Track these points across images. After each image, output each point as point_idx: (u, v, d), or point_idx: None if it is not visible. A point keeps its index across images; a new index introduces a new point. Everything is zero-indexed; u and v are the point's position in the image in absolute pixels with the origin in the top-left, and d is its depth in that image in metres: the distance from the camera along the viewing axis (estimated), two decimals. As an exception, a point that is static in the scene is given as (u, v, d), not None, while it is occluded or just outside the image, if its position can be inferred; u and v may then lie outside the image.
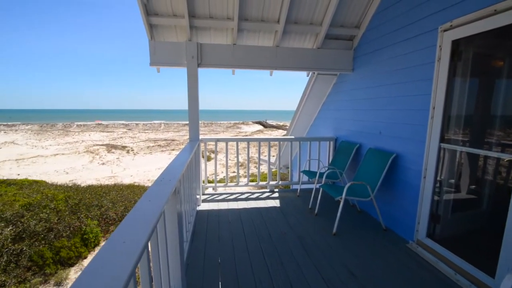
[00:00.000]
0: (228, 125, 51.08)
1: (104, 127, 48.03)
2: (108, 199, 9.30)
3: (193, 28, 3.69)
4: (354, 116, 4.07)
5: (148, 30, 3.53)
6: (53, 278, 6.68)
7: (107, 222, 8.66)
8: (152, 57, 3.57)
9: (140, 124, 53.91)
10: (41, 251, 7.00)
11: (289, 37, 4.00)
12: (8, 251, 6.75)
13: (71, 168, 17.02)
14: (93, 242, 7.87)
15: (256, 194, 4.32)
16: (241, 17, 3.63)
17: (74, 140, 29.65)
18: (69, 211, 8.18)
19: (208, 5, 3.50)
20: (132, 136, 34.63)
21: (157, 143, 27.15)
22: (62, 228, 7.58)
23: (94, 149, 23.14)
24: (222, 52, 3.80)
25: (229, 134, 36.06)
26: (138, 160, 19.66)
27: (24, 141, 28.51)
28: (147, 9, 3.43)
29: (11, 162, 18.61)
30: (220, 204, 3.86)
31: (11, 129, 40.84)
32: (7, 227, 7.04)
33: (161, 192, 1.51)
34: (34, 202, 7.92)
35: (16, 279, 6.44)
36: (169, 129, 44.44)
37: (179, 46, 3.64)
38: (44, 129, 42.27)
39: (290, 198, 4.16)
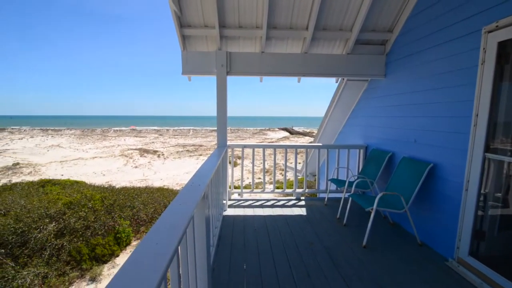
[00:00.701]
0: (254, 132, 51.51)
1: (138, 132, 50.92)
2: (140, 201, 9.75)
3: (223, 37, 3.81)
4: (386, 123, 3.90)
5: (181, 41, 3.71)
6: (89, 274, 7.11)
7: (138, 223, 9.07)
8: (184, 67, 3.74)
9: (170, 130, 56.34)
10: (79, 247, 7.51)
11: (318, 44, 3.97)
12: (51, 246, 7.33)
13: (107, 171, 18.18)
14: (125, 241, 8.26)
15: (282, 201, 4.27)
16: (270, 25, 3.68)
17: (111, 144, 31.78)
18: (104, 211, 8.71)
19: (238, 15, 3.61)
20: (163, 141, 36.26)
21: (186, 148, 28.11)
22: (98, 227, 8.07)
23: (128, 153, 24.54)
24: (250, 60, 3.87)
25: (255, 140, 36.31)
26: (168, 164, 20.47)
27: (67, 145, 31.15)
28: (181, 21, 3.62)
29: (56, 163, 20.36)
30: (246, 210, 3.87)
31: (58, 134, 44.83)
32: (51, 223, 7.66)
33: (191, 196, 1.55)
34: (75, 201, 8.54)
35: (57, 272, 6.95)
36: (197, 135, 45.87)
37: (209, 55, 3.78)
38: (85, 133, 45.84)
39: (317, 207, 4.05)
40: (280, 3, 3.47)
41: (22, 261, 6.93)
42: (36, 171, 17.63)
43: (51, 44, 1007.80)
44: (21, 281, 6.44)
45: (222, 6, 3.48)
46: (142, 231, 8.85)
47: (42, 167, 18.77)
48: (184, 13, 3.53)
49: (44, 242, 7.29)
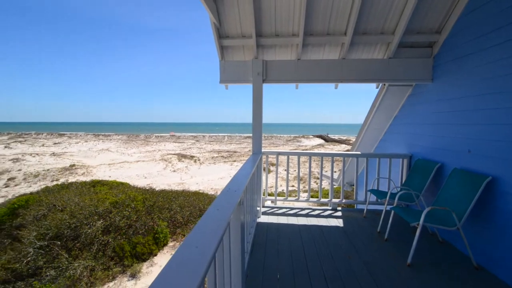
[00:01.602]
0: (288, 139, 51.16)
1: (177, 138, 53.80)
2: (177, 204, 10.20)
3: (259, 46, 3.88)
4: (434, 132, 3.59)
5: (219, 52, 3.86)
6: (129, 270, 7.57)
7: (175, 225, 9.47)
8: (222, 76, 3.87)
9: (206, 136, 58.54)
10: (122, 244, 8.06)
11: (357, 49, 3.84)
12: (98, 241, 7.97)
13: (148, 174, 19.40)
14: (162, 241, 8.67)
15: (317, 211, 4.14)
16: (307, 32, 3.66)
17: (153, 149, 33.98)
18: (145, 212, 9.26)
19: (275, 24, 3.65)
20: (199, 147, 37.76)
21: (221, 154, 28.89)
22: (139, 226, 8.60)
23: (167, 157, 25.96)
24: (286, 68, 3.87)
25: (288, 147, 36.00)
26: (203, 169, 21.20)
27: (115, 149, 34.03)
28: (220, 32, 3.77)
29: (105, 165, 22.30)
30: (280, 218, 3.82)
31: (107, 138, 49.26)
32: (99, 220, 8.35)
33: (228, 201, 1.58)
34: (120, 201, 9.23)
35: (102, 266, 7.52)
36: (232, 141, 46.94)
37: (245, 64, 3.87)
38: (131, 139, 49.68)
39: (355, 219, 3.85)
40: (317, 10, 3.45)
41: (74, 254, 7.63)
42: (88, 172, 19.49)
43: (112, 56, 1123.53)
44: (73, 271, 7.09)
45: (259, 17, 3.56)
46: (178, 233, 9.21)
47: (93, 169, 20.70)
48: (223, 25, 3.68)
49: (93, 238, 7.96)
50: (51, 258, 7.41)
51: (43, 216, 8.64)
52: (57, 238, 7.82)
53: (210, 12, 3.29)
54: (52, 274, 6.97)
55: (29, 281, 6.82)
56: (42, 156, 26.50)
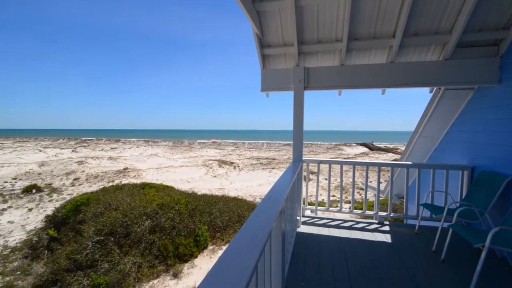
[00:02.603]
0: (328, 146, 49.57)
1: (218, 144, 55.91)
2: (217, 208, 10.49)
3: (301, 54, 3.85)
4: (503, 140, 3.14)
5: (261, 60, 3.93)
6: (172, 269, 7.95)
7: (215, 229, 9.73)
8: (263, 84, 3.93)
9: (246, 143, 59.73)
10: (166, 244, 8.53)
11: (407, 51, 3.58)
12: (146, 240, 8.55)
13: (191, 178, 20.39)
14: (202, 244, 8.96)
15: (362, 224, 3.88)
16: (351, 37, 3.54)
17: (195, 155, 35.75)
18: (187, 214, 9.70)
19: (317, 31, 3.61)
20: (239, 153, 38.63)
21: (259, 161, 29.14)
22: (181, 228, 9.03)
23: (209, 163, 27.03)
24: (329, 74, 3.77)
25: (329, 155, 34.82)
26: (243, 175, 21.57)
27: (162, 154, 36.59)
28: (261, 42, 3.85)
29: (153, 169, 24.06)
30: (321, 229, 3.67)
31: (156, 144, 53.28)
32: (147, 220, 8.97)
33: (270, 209, 1.57)
34: (165, 203, 9.82)
35: (148, 264, 8.03)
36: (271, 148, 47.12)
37: (287, 72, 3.87)
38: (176, 145, 53.00)
39: (405, 235, 3.52)
40: (363, 13, 3.31)
41: (125, 250, 8.29)
42: (139, 175, 21.21)
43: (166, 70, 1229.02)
44: (123, 266, 7.69)
45: (301, 24, 3.55)
46: (217, 237, 9.44)
47: (143, 172, 22.47)
48: (265, 35, 3.75)
49: (141, 236, 8.58)
50: (106, 252, 8.15)
51: (100, 213, 9.60)
52: (111, 234, 8.60)
53: (253, 23, 3.38)
54: (105, 267, 7.66)
55: (87, 271, 7.59)
56: (101, 159, 29.67)
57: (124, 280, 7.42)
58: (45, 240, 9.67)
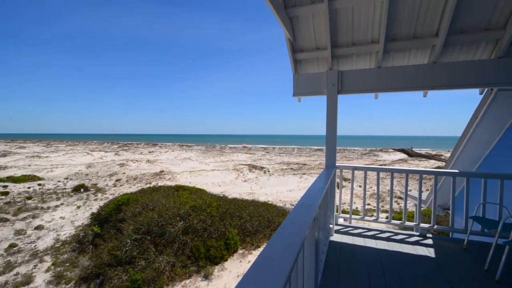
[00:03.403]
0: (363, 152, 47.49)
1: (248, 149, 56.57)
2: (247, 213, 10.56)
3: (334, 57, 3.77)
4: None
5: (293, 66, 3.92)
6: (203, 271, 8.13)
7: (245, 233, 9.78)
8: (295, 89, 3.90)
9: (276, 148, 59.66)
10: (198, 245, 8.76)
11: (452, 50, 3.31)
12: (179, 240, 8.88)
13: (222, 182, 20.82)
14: (232, 248, 9.05)
15: (401, 235, 3.62)
16: (388, 38, 3.38)
17: (226, 159, 36.53)
18: (218, 217, 9.90)
19: (352, 33, 3.50)
20: (269, 158, 38.66)
21: (290, 166, 28.84)
22: (212, 230, 9.22)
23: (239, 167, 27.42)
24: (364, 77, 3.63)
25: (363, 161, 33.30)
26: (273, 180, 21.50)
27: (195, 158, 37.97)
28: (294, 47, 3.84)
29: (186, 172, 25.03)
30: (355, 239, 3.50)
31: (190, 148, 55.53)
32: (180, 221, 9.32)
33: (303, 216, 1.54)
34: (198, 205, 10.13)
35: (181, 264, 8.31)
36: (301, 153, 46.45)
37: (319, 76, 3.80)
38: (208, 149, 54.70)
39: (451, 250, 3.21)
40: (401, 13, 3.15)
41: (160, 249, 8.68)
42: (173, 178, 22.20)
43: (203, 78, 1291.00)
44: (158, 265, 8.06)
45: (334, 28, 3.48)
46: (247, 241, 9.47)
47: (177, 175, 23.49)
48: (297, 39, 3.74)
49: (175, 237, 8.93)
50: (143, 250, 8.62)
51: (138, 213, 10.20)
52: (148, 233, 9.08)
53: (286, 29, 3.39)
54: (142, 264, 8.09)
55: (126, 267, 8.08)
56: (140, 162, 31.65)
57: (158, 278, 7.76)
58: (90, 236, 10.53)
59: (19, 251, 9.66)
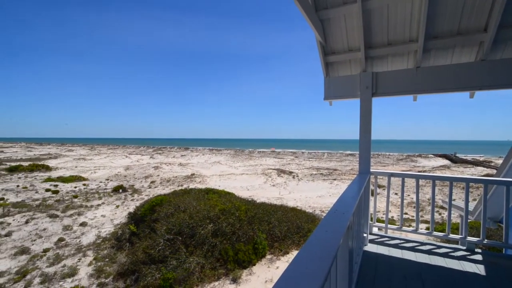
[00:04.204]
0: (399, 158, 44.80)
1: (277, 154, 56.39)
2: (275, 218, 10.46)
3: (368, 58, 3.62)
4: None
5: (324, 68, 3.84)
6: (231, 274, 8.18)
7: (273, 238, 9.69)
8: (326, 92, 3.81)
9: (305, 153, 58.75)
10: (226, 248, 8.85)
11: (504, 46, 3.01)
12: (208, 242, 9.05)
13: (251, 186, 20.94)
14: (260, 252, 9.00)
15: (444, 249, 3.32)
16: (428, 36, 3.17)
17: (255, 164, 36.74)
18: (247, 221, 9.93)
19: (387, 33, 3.35)
20: (298, 163, 38.14)
21: (320, 172, 28.16)
22: (241, 234, 9.27)
23: (268, 172, 27.39)
24: (401, 78, 3.44)
25: (400, 168, 31.39)
26: (302, 185, 21.13)
27: (224, 162, 38.75)
28: (325, 50, 3.76)
29: (216, 176, 25.60)
30: (392, 250, 3.29)
31: (219, 152, 56.87)
32: (210, 224, 9.52)
33: (337, 224, 1.48)
34: (227, 209, 10.27)
35: (210, 266, 8.45)
36: (332, 158, 45.16)
37: (352, 78, 3.68)
38: (237, 153, 55.52)
39: (506, 268, 2.87)
40: (443, 8, 2.94)
41: (190, 250, 8.93)
42: (203, 181, 22.83)
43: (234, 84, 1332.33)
44: (188, 265, 8.28)
45: (368, 28, 3.35)
46: (275, 247, 9.36)
47: (207, 178, 24.12)
48: (328, 42, 3.66)
49: (204, 239, 9.12)
50: (174, 250, 8.93)
51: (171, 214, 10.60)
52: (179, 234, 9.39)
53: (317, 31, 3.34)
54: (173, 264, 8.36)
55: (159, 266, 8.42)
56: (172, 165, 33.07)
57: (189, 278, 7.97)
58: (127, 234, 11.16)
59: (66, 245, 10.54)
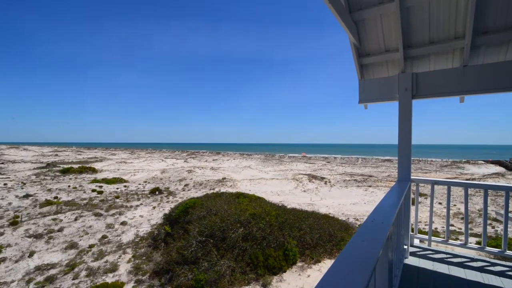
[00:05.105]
0: (442, 164, 41.22)
1: (308, 159, 55.33)
2: (306, 224, 10.23)
3: (408, 58, 3.43)
4: None
5: (358, 71, 3.71)
6: (261, 279, 8.13)
7: (304, 245, 9.47)
8: (361, 95, 3.67)
9: (338, 158, 56.83)
10: (256, 253, 8.84)
11: None
12: (239, 246, 9.12)
13: (281, 191, 20.76)
14: (291, 259, 8.83)
15: (500, 267, 2.97)
16: (476, 31, 2.91)
17: (285, 168, 36.41)
18: (277, 227, 9.84)
19: (428, 31, 3.15)
20: (330, 168, 37.01)
21: (353, 178, 27.01)
22: (271, 240, 9.20)
23: (298, 177, 26.96)
24: (445, 78, 3.19)
25: (444, 175, 28.89)
26: (334, 192, 20.42)
27: (255, 166, 38.96)
28: (359, 52, 3.64)
29: (246, 180, 25.82)
30: (436, 265, 3.02)
31: (250, 157, 57.39)
32: (240, 228, 9.60)
33: (375, 234, 1.40)
34: (257, 213, 10.28)
35: (240, 270, 8.49)
36: (366, 164, 43.08)
37: (389, 80, 3.50)
38: (267, 158, 55.58)
39: None
40: (494, 0, 2.68)
41: (221, 253, 9.07)
42: (234, 185, 23.17)
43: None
44: (219, 268, 8.40)
45: (407, 27, 3.18)
46: (307, 254, 9.13)
47: (238, 182, 24.44)
48: (363, 43, 3.54)
49: (235, 242, 9.20)
50: (206, 252, 9.13)
51: (203, 216, 10.90)
52: (211, 236, 9.60)
53: (350, 33, 3.25)
54: (205, 266, 8.55)
55: (191, 266, 8.66)
56: (205, 169, 34.11)
57: (219, 280, 8.08)
58: (162, 234, 11.69)
59: (109, 242, 11.34)
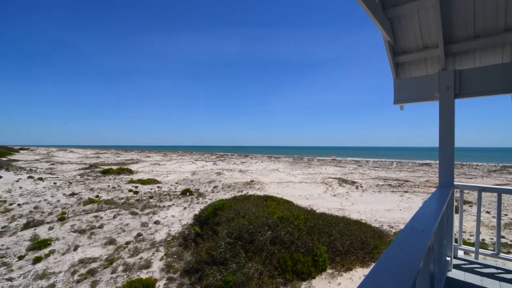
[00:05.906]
0: (490, 169, 37.46)
1: (338, 162, 53.68)
2: (337, 230, 9.90)
3: (449, 55, 3.19)
4: None
5: (393, 70, 3.53)
6: (290, 284, 8.00)
7: (334, 252, 9.16)
8: (397, 96, 3.48)
9: (370, 161, 54.36)
10: (285, 257, 8.73)
11: None
12: (267, 250, 9.08)
13: (310, 195, 20.35)
14: (321, 266, 8.58)
15: None
16: (532, 22, 2.62)
17: (314, 172, 35.67)
18: (306, 231, 9.64)
19: (473, 24, 2.90)
20: (362, 172, 35.50)
21: (387, 182, 25.62)
22: (300, 244, 9.03)
23: (328, 181, 26.24)
24: (492, 75, 2.91)
25: (492, 181, 26.22)
26: (366, 197, 19.54)
27: (283, 169, 38.70)
28: (394, 50, 3.47)
29: (274, 183, 25.72)
30: (485, 281, 2.73)
31: (278, 160, 57.21)
32: (268, 231, 9.56)
33: (415, 243, 1.31)
34: (285, 217, 10.18)
35: (268, 273, 8.44)
36: (402, 168, 40.61)
37: (428, 78, 3.28)
38: (296, 161, 54.92)
39: None
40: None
41: (249, 255, 9.10)
42: (262, 188, 23.19)
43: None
44: (247, 270, 8.43)
45: (448, 21, 2.96)
46: (337, 261, 8.82)
47: (266, 185, 24.43)
48: (398, 41, 3.36)
49: (263, 245, 9.18)
50: (234, 254, 9.23)
51: (231, 218, 11.05)
52: (239, 238, 9.68)
53: (384, 31, 3.11)
54: (233, 267, 8.64)
55: (220, 267, 8.80)
56: (233, 171, 34.63)
57: (247, 283, 8.10)
58: (193, 234, 12.05)
59: (143, 240, 11.96)
